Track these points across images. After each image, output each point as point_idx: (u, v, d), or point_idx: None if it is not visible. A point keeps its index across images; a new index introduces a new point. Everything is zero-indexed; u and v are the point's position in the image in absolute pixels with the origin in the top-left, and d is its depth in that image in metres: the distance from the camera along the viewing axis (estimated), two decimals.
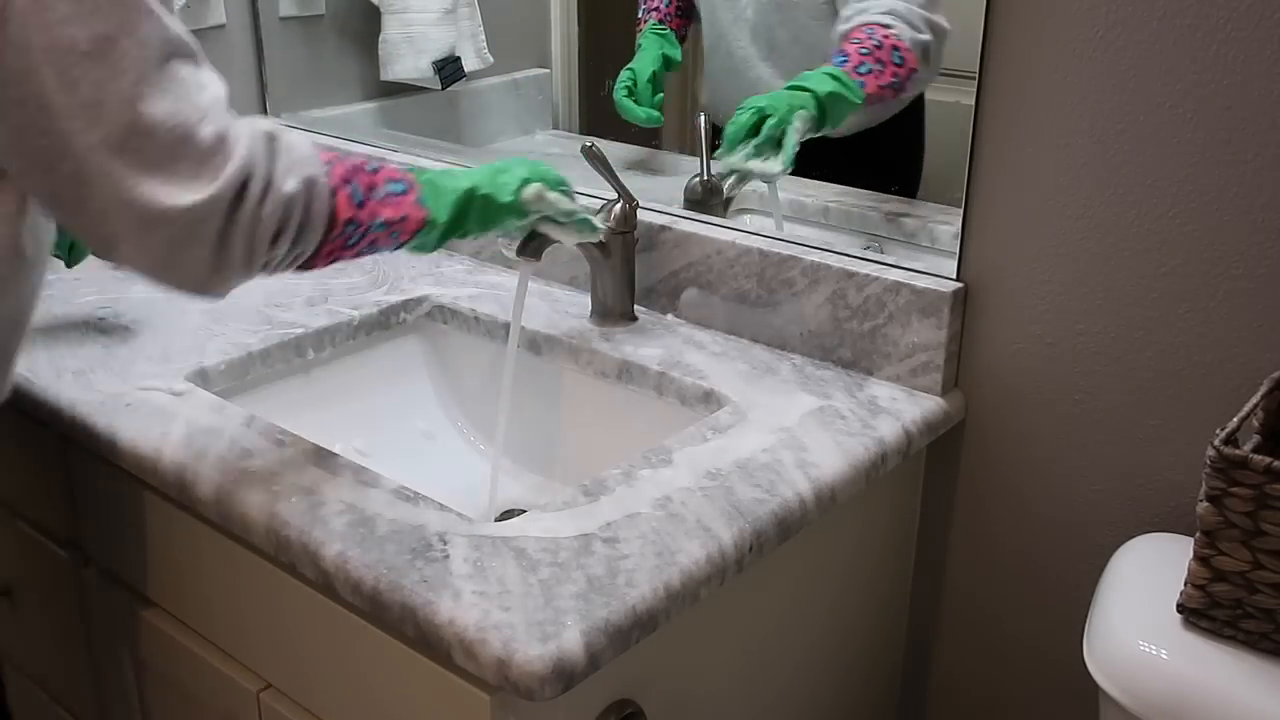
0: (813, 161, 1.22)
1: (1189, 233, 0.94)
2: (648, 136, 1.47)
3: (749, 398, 1.08)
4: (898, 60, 1.18)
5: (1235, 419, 0.81)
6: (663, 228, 1.24)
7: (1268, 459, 0.76)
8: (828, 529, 1.01)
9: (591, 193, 1.30)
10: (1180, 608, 0.85)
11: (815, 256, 1.14)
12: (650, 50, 1.39)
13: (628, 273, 1.23)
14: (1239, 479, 0.78)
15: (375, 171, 0.92)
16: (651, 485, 0.92)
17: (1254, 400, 0.85)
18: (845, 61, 1.18)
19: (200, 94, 0.79)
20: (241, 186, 0.79)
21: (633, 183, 1.21)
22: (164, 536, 1.04)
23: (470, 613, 0.76)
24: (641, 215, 1.23)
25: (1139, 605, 0.88)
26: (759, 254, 1.17)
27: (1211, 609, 0.83)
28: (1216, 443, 0.78)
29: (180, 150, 0.77)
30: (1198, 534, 0.81)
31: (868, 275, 1.10)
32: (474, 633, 0.75)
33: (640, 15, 1.41)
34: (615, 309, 1.24)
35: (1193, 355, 0.96)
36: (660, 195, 1.28)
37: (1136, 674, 0.84)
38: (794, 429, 1.02)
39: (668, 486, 0.92)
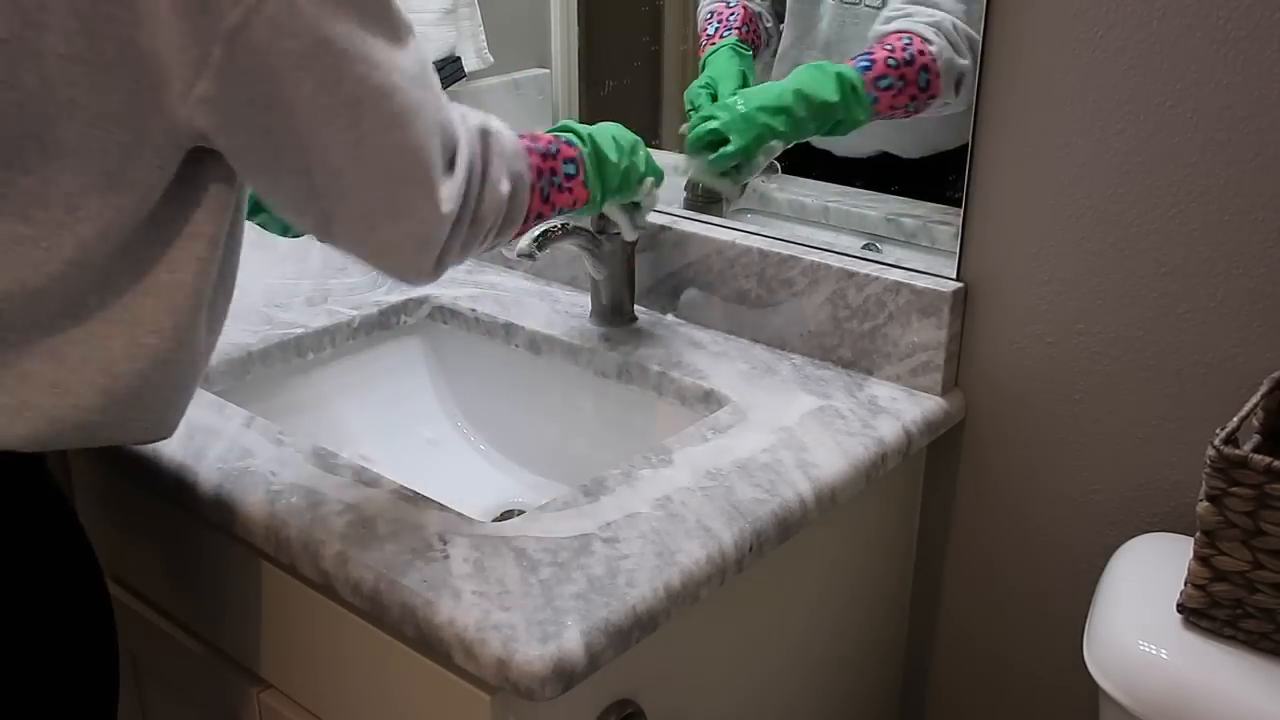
0: (887, 180, 1.20)
1: (1189, 233, 0.94)
2: (648, 137, 1.46)
3: (749, 398, 1.07)
4: (923, 84, 1.10)
5: (1235, 419, 0.81)
6: (663, 228, 1.24)
7: (1268, 459, 0.76)
8: (828, 529, 1.01)
9: None
10: (1180, 607, 0.85)
11: (815, 256, 1.14)
12: (731, 66, 1.28)
13: (627, 273, 1.23)
14: (1239, 479, 0.78)
15: (555, 155, 0.95)
16: (651, 485, 0.92)
17: (1254, 400, 0.85)
18: (869, 69, 1.12)
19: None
20: (465, 189, 0.78)
21: None
22: (163, 536, 1.04)
23: (470, 613, 0.76)
24: None
25: (1139, 605, 0.88)
26: (759, 254, 1.17)
27: (1211, 609, 0.83)
28: (1216, 443, 0.78)
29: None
30: (1198, 534, 0.81)
31: (868, 275, 1.10)
32: (474, 633, 0.75)
33: (711, 33, 1.31)
34: (615, 309, 1.24)
35: (1193, 355, 0.96)
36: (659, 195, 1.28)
37: (1136, 674, 0.84)
38: (794, 429, 1.02)
39: (668, 486, 0.92)
